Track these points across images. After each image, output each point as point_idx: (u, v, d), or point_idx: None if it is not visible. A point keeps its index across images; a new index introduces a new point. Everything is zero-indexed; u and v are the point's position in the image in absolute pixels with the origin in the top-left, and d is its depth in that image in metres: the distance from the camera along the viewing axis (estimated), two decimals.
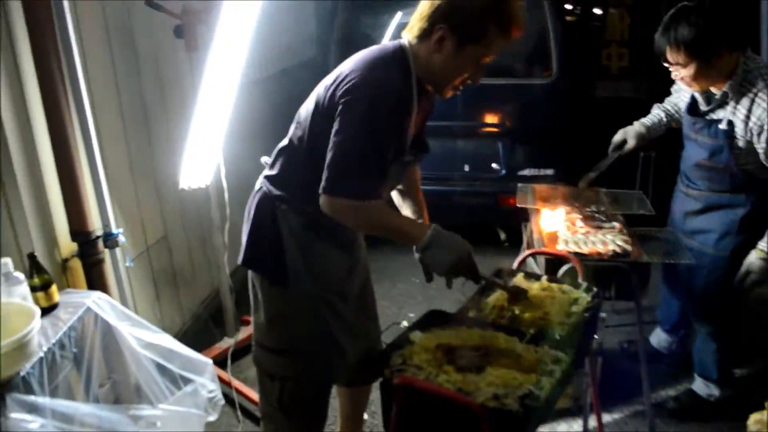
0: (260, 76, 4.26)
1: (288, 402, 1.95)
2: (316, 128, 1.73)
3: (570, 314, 1.82)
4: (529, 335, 1.70)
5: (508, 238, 4.40)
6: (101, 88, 2.53)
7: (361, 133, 1.62)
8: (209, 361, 2.16)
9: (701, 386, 2.69)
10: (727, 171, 2.34)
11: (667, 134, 2.76)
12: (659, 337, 3.08)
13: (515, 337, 1.70)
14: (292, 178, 1.83)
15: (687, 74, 2.21)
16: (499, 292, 1.87)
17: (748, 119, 2.19)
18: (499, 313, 1.83)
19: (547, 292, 1.89)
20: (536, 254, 2.15)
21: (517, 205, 2.80)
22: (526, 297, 1.84)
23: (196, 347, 3.04)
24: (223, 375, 2.85)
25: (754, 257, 2.26)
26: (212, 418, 2.10)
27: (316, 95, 1.76)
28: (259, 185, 1.93)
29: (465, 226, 2.64)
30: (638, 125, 2.71)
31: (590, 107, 2.75)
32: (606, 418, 2.67)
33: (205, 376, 2.12)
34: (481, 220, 4.01)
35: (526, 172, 3.80)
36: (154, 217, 2.97)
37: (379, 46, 1.77)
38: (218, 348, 3.05)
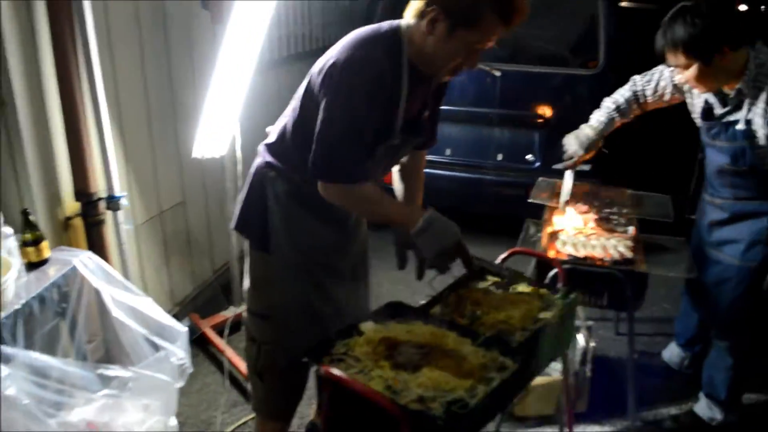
0: (287, 54, 4.27)
1: (263, 366, 1.98)
2: (306, 104, 1.75)
3: (537, 320, 1.72)
4: (481, 338, 1.62)
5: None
6: (124, 54, 2.61)
7: (341, 115, 1.62)
8: (184, 329, 2.20)
9: (704, 408, 2.52)
10: (753, 174, 2.17)
11: None
12: (672, 352, 2.91)
13: (468, 339, 1.63)
14: (283, 148, 1.86)
15: (690, 76, 2.07)
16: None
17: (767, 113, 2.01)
18: (457, 307, 1.75)
19: (515, 295, 1.79)
20: (518, 253, 2.05)
21: (529, 200, 2.68)
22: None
23: (202, 314, 3.16)
24: (219, 343, 2.92)
25: None
26: (178, 385, 2.14)
27: (310, 72, 1.75)
28: (257, 152, 1.98)
29: (493, 216, 2.58)
30: (588, 130, 2.54)
31: None
32: (594, 429, 2.54)
33: (177, 344, 2.16)
34: (510, 212, 3.87)
35: (559, 166, 3.61)
36: (172, 183, 3.05)
37: (374, 26, 1.72)
38: (222, 316, 3.11)
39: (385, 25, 1.70)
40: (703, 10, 1.96)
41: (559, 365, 2.63)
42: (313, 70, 1.73)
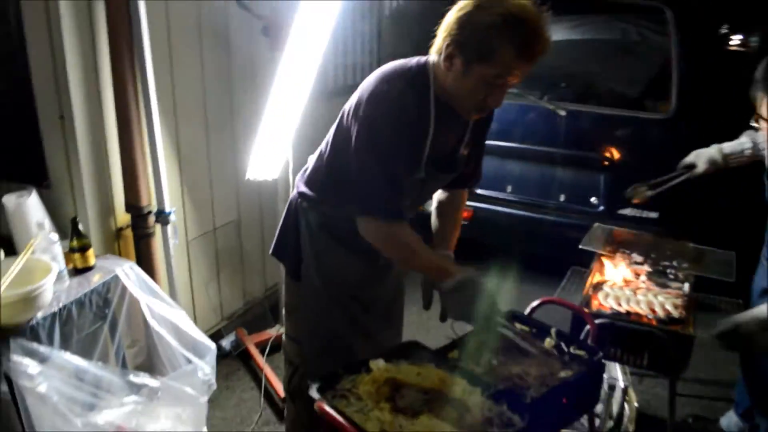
0: (348, 84, 4.33)
1: (295, 389, 2.05)
2: (338, 138, 1.77)
3: (557, 378, 1.62)
4: (492, 389, 1.54)
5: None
6: (185, 75, 2.73)
7: (367, 148, 1.62)
8: (212, 345, 2.24)
9: None
10: None
11: None
12: (730, 420, 2.69)
13: (479, 388, 1.56)
14: (315, 180, 1.88)
15: None
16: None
17: None
18: (474, 354, 1.68)
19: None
20: (550, 303, 1.95)
21: (580, 246, 2.56)
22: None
23: (250, 330, 3.21)
24: (259, 360, 2.95)
25: None
26: (203, 399, 2.17)
27: (346, 104, 1.77)
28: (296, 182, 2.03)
29: (551, 257, 2.50)
30: (713, 149, 2.41)
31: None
32: None
33: (206, 360, 2.21)
34: (569, 255, 3.75)
35: (627, 212, 3.45)
36: (228, 201, 3.14)
37: (403, 61, 1.72)
38: (267, 334, 3.16)
39: (414, 60, 1.69)
40: None
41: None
42: (346, 105, 1.74)
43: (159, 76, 2.48)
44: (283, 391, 2.14)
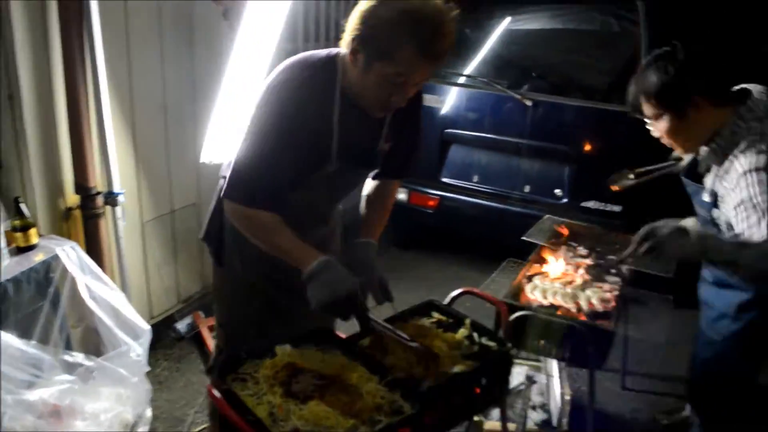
0: None
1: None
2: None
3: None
4: (390, 377, 1.57)
5: None
6: (143, 56, 2.74)
7: (255, 138, 1.60)
8: (147, 327, 2.28)
9: None
10: None
11: None
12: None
13: (376, 376, 1.59)
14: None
15: (662, 129, 1.86)
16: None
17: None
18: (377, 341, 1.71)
19: (441, 338, 1.72)
20: (468, 293, 1.97)
21: (523, 237, 2.57)
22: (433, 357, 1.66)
23: (207, 314, 3.25)
24: (210, 343, 2.99)
25: None
26: (134, 380, 2.22)
27: None
28: None
29: (515, 248, 2.50)
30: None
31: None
32: None
33: (140, 341, 2.25)
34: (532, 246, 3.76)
35: (590, 204, 3.45)
36: (187, 184, 3.17)
37: (315, 51, 1.68)
38: None
39: (324, 52, 1.66)
40: (679, 57, 1.76)
41: (537, 415, 2.52)
42: None
43: (114, 58, 2.51)
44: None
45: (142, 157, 2.84)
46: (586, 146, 3.55)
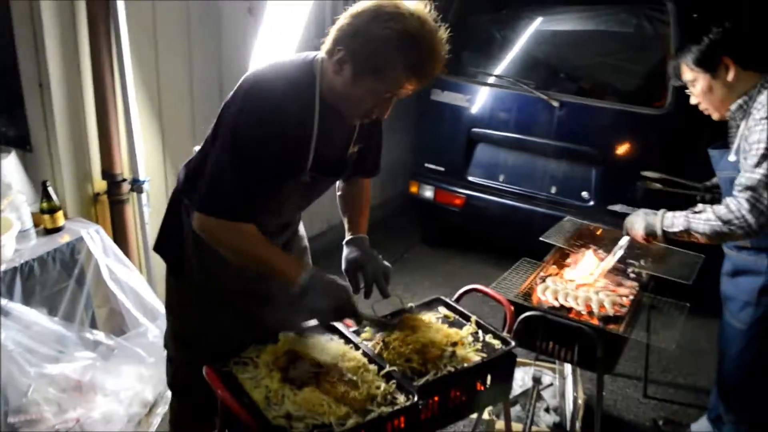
0: None
1: (178, 385, 1.93)
2: (216, 132, 1.64)
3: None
4: (387, 369, 1.58)
5: None
6: (171, 49, 2.82)
7: (231, 149, 1.51)
8: (163, 310, 2.33)
9: None
10: None
11: None
12: (701, 426, 2.64)
13: (374, 367, 1.61)
14: (197, 175, 1.69)
15: (698, 91, 2.10)
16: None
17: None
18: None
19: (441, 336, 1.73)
20: (475, 291, 1.96)
21: (541, 238, 2.55)
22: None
23: None
24: None
25: None
26: (151, 360, 2.28)
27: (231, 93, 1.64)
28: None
29: (542, 248, 2.50)
30: (659, 226, 2.27)
31: (705, 151, 2.34)
32: None
33: (156, 323, 2.31)
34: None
35: (617, 208, 3.35)
36: None
37: (294, 56, 1.62)
38: None
39: (301, 57, 1.60)
40: (714, 26, 2.03)
41: (550, 417, 2.50)
42: (229, 96, 1.62)
43: (142, 52, 2.60)
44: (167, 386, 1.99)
45: (169, 147, 2.92)
46: (614, 149, 3.48)
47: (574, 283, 2.20)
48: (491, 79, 3.83)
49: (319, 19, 3.40)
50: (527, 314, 2.01)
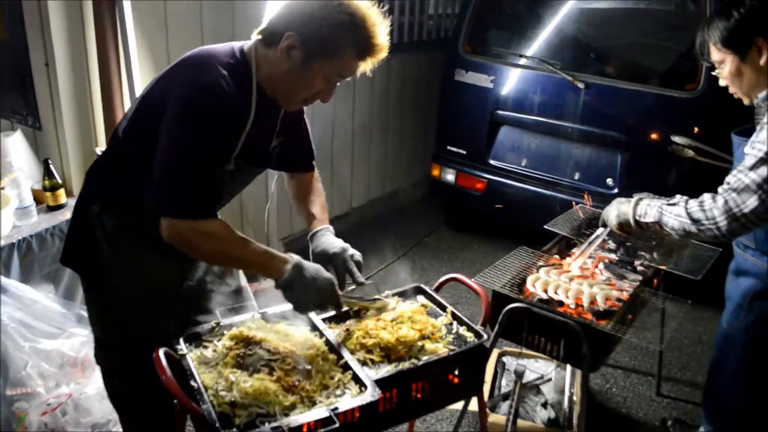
0: (400, 42, 4.23)
1: (119, 394, 1.86)
2: (138, 127, 1.58)
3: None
4: (343, 360, 1.55)
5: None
6: (183, 33, 2.81)
7: (184, 142, 1.46)
8: None
9: None
10: None
11: None
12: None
13: (334, 356, 1.57)
14: (110, 176, 1.66)
15: (726, 73, 1.88)
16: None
17: None
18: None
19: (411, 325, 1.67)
20: (454, 281, 1.88)
21: (545, 227, 2.44)
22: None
23: None
24: None
25: None
26: None
27: (148, 89, 1.59)
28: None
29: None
30: (630, 214, 2.09)
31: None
32: None
33: None
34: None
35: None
36: None
37: (217, 47, 1.58)
38: (253, 286, 3.26)
39: (229, 47, 1.57)
40: (744, 3, 1.81)
41: (546, 413, 2.41)
42: (150, 91, 1.57)
43: (151, 31, 2.61)
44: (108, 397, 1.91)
45: None
46: (642, 134, 3.29)
47: (570, 275, 2.09)
48: (516, 59, 3.68)
49: None
50: (511, 306, 1.92)
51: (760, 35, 1.79)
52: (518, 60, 3.67)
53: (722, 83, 1.94)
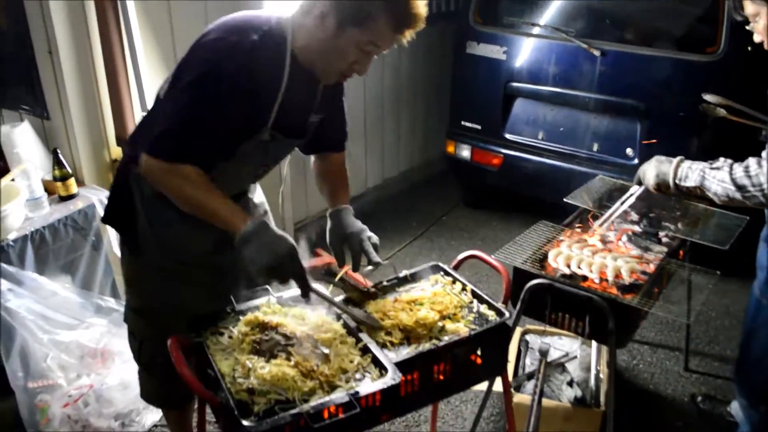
0: None
1: (147, 361, 1.89)
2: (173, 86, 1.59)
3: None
4: (362, 343, 1.51)
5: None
6: (187, 18, 2.75)
7: (191, 97, 1.47)
8: None
9: None
10: None
11: None
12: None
13: (352, 339, 1.53)
14: (142, 134, 1.67)
15: (761, 27, 1.74)
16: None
17: None
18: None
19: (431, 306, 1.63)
20: (473, 258, 1.83)
21: (565, 199, 2.37)
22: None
23: None
24: None
25: None
26: None
27: (188, 52, 1.59)
28: None
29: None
30: (671, 175, 2.04)
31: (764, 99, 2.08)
32: None
33: None
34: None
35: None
36: None
37: (255, 13, 1.59)
38: None
39: (268, 15, 1.56)
40: None
41: (572, 391, 2.36)
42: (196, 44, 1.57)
43: (155, 15, 2.56)
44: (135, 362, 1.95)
45: None
46: (661, 101, 3.19)
47: (591, 249, 2.02)
48: (529, 29, 3.58)
49: None
50: (533, 282, 1.87)
51: None
52: (531, 29, 3.56)
53: (757, 39, 1.81)
